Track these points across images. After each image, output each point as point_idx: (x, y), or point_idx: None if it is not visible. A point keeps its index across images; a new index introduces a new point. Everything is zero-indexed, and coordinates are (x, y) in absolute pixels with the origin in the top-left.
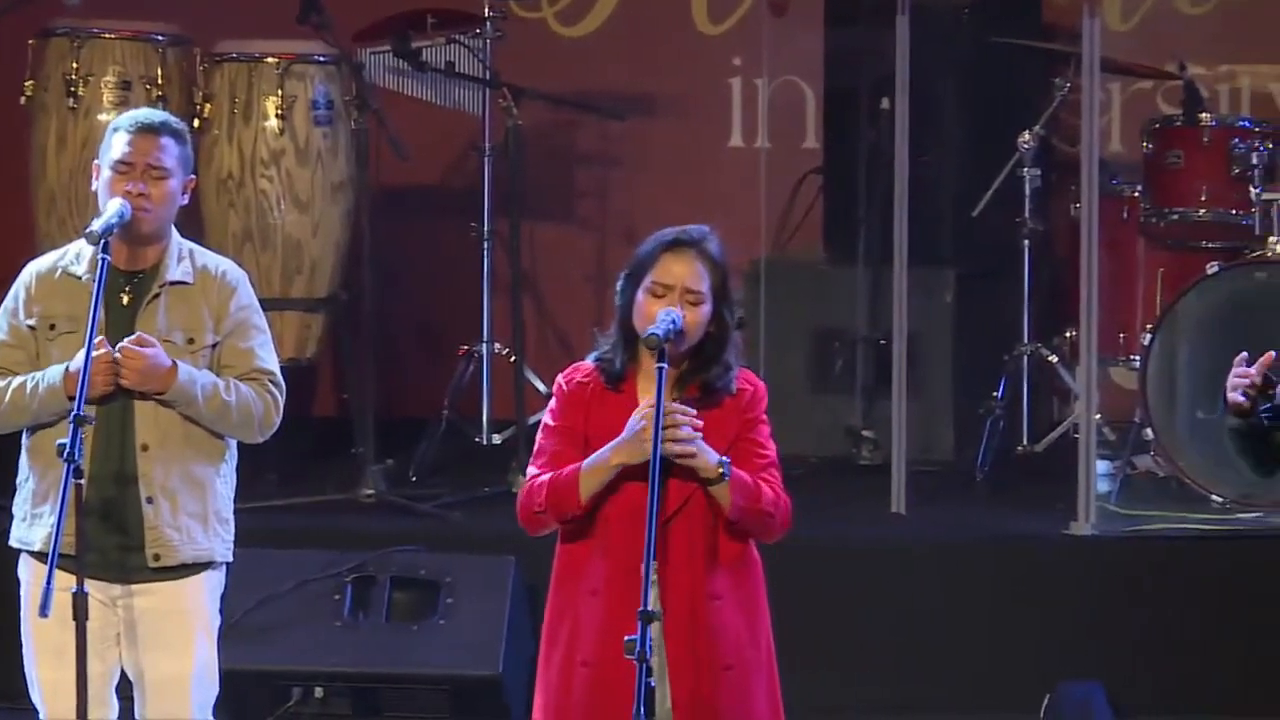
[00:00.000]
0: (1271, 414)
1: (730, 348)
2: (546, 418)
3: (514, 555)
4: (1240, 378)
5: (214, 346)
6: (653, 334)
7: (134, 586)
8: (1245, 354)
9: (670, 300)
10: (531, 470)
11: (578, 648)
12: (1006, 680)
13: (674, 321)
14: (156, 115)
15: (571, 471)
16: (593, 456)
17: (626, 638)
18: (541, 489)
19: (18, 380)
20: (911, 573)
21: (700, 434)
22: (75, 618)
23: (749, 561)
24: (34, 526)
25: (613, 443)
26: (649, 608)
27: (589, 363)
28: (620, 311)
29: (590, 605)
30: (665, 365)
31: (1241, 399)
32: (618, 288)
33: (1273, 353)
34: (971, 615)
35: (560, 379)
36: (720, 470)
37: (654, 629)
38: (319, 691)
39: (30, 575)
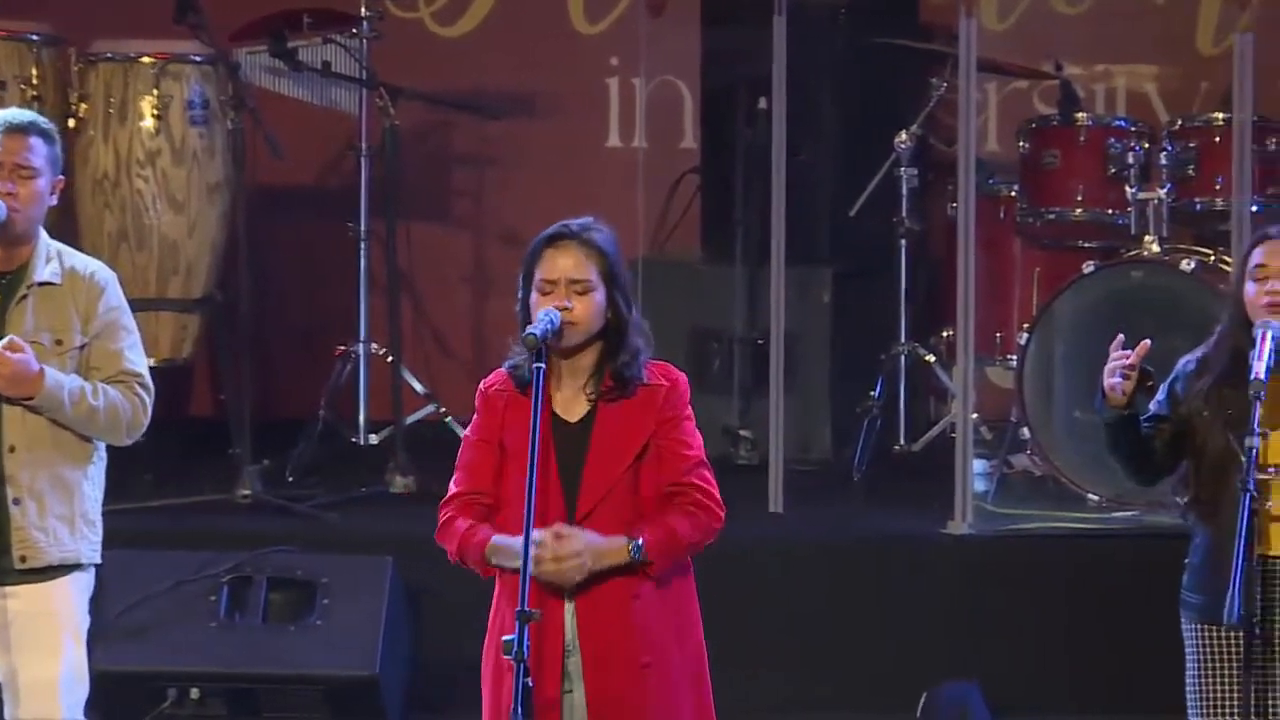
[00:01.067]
0: (1152, 421)
1: (633, 334)
2: (469, 430)
3: (391, 556)
4: (1118, 360)
5: (82, 348)
6: (530, 334)
7: (4, 589)
8: (1122, 337)
9: (558, 294)
10: (451, 487)
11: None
12: (884, 679)
13: (551, 321)
14: (24, 115)
15: (479, 544)
16: (504, 544)
17: (504, 638)
18: (453, 540)
19: None
20: (789, 572)
21: (584, 561)
22: None
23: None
24: None
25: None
26: (526, 608)
27: (505, 369)
28: (521, 316)
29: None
30: (542, 365)
31: (1119, 379)
32: (518, 295)
33: (1148, 340)
34: (849, 614)
35: (480, 387)
36: (631, 554)
37: (569, 629)
38: (195, 692)
39: None
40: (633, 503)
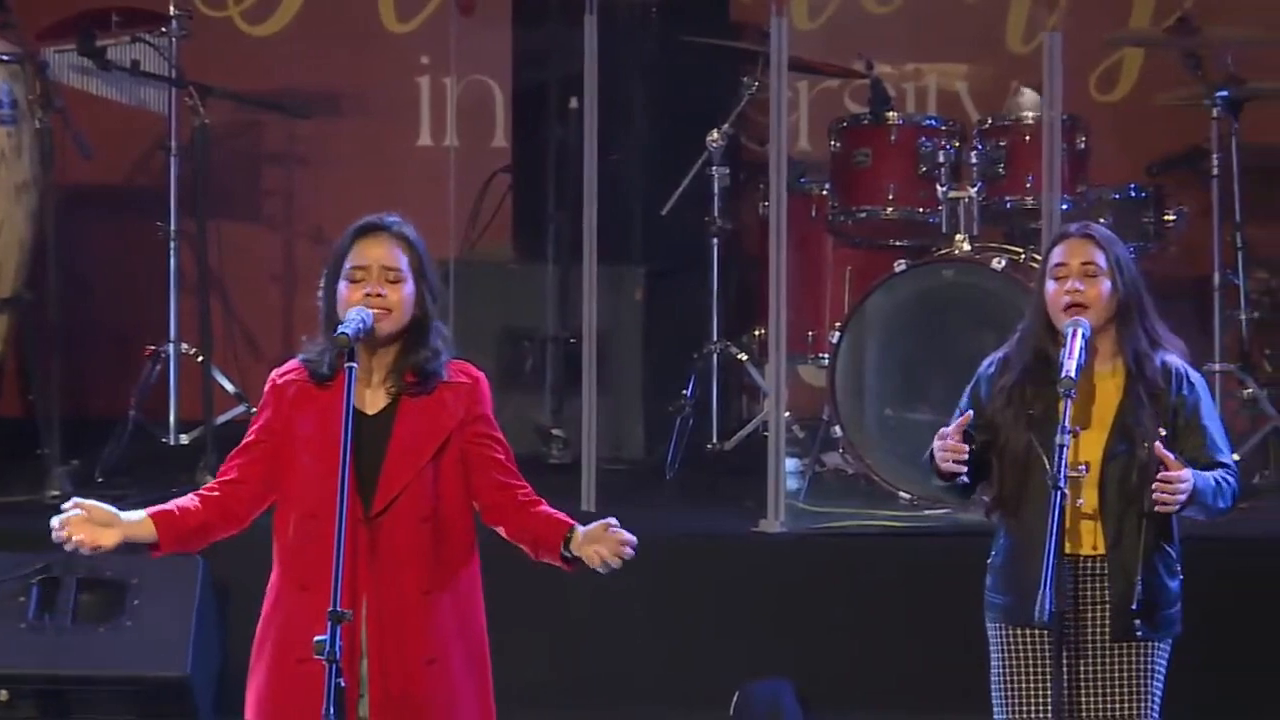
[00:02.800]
0: (970, 471)
1: (434, 334)
2: (253, 419)
3: (201, 556)
4: (948, 451)
5: None
6: (342, 333)
7: None
8: (946, 429)
9: (370, 281)
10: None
11: (293, 646)
12: (696, 678)
13: (364, 321)
14: None
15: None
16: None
17: (316, 638)
18: None
19: None
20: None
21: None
22: None
23: (469, 554)
24: None
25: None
26: (339, 608)
27: (299, 360)
28: (325, 306)
29: (301, 602)
30: (355, 365)
31: (956, 467)
32: (320, 291)
33: (970, 413)
34: (662, 613)
35: (272, 375)
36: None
37: (364, 630)
38: (4, 694)
39: None
40: (431, 498)
